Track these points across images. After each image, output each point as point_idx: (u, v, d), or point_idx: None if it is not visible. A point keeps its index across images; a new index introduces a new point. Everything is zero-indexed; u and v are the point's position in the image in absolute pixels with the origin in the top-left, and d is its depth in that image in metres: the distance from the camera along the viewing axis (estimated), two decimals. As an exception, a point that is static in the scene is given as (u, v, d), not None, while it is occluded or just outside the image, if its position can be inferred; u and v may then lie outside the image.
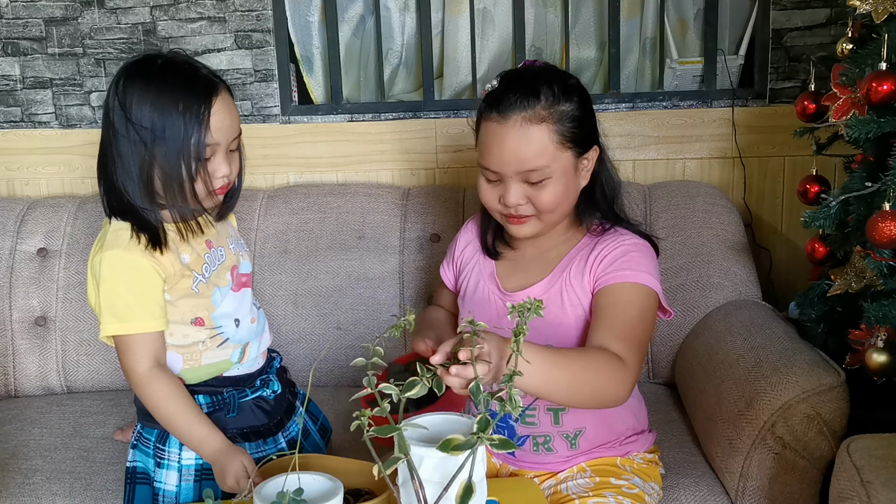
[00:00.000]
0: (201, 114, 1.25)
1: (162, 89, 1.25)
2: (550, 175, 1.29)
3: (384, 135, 2.23)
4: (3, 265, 2.03)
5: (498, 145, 1.30)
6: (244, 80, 2.24)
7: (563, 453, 1.39)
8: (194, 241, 1.35)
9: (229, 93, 1.32)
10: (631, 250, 1.34)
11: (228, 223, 1.47)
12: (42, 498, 1.59)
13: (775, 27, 2.14)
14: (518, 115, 1.28)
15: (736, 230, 1.98)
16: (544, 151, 1.28)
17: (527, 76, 1.32)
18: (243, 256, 1.46)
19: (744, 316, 1.76)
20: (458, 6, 2.29)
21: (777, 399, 1.41)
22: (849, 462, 1.17)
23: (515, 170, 1.29)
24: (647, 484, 1.38)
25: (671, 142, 2.19)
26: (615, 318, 1.28)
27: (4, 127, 2.28)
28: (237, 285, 1.41)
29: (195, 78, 1.28)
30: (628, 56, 2.32)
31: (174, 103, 1.24)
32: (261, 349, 1.45)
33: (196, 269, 1.34)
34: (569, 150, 1.30)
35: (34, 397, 2.00)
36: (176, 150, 1.25)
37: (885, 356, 1.43)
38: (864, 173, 1.51)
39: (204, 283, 1.35)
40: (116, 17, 2.21)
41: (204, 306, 1.35)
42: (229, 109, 1.30)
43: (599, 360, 1.20)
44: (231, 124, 1.30)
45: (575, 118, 1.30)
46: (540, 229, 1.36)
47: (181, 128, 1.24)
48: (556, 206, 1.32)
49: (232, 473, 1.26)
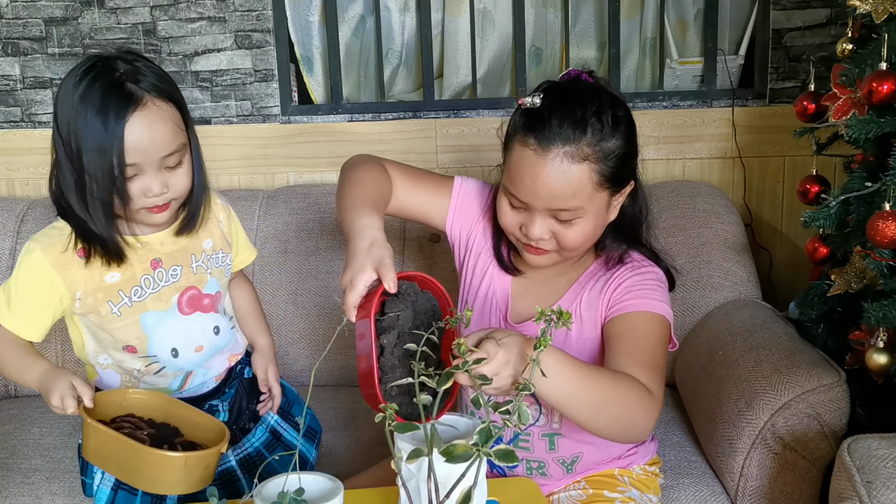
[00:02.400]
0: (113, 130, 1.15)
1: (83, 101, 1.16)
2: (582, 215, 1.20)
3: (384, 135, 2.23)
4: (3, 265, 2.03)
5: (532, 177, 1.17)
6: (244, 80, 2.24)
7: (557, 477, 1.36)
8: (135, 258, 1.28)
9: (173, 103, 1.21)
10: (647, 277, 1.28)
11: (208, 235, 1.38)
12: (42, 497, 1.59)
13: (775, 27, 2.14)
14: (560, 150, 1.15)
15: (736, 230, 1.98)
16: (581, 192, 1.18)
17: (574, 99, 1.19)
18: (213, 274, 1.37)
19: (744, 316, 1.76)
20: (458, 6, 2.29)
21: (777, 399, 1.41)
22: (849, 462, 1.17)
23: (546, 206, 1.19)
24: (644, 496, 1.35)
25: (671, 142, 2.19)
26: (635, 345, 1.21)
27: (4, 127, 2.28)
28: (190, 308, 1.33)
29: (115, 89, 1.16)
30: (628, 56, 2.32)
31: (85, 118, 1.15)
32: (210, 375, 1.39)
33: (124, 289, 1.28)
34: (606, 191, 1.21)
35: (34, 397, 2.00)
36: (89, 168, 1.16)
37: (885, 356, 1.43)
38: (864, 173, 1.50)
39: (128, 307, 1.28)
40: (116, 17, 2.21)
41: (133, 334, 1.29)
42: (152, 126, 1.17)
43: (627, 383, 1.12)
44: (152, 143, 1.18)
45: (620, 157, 1.19)
46: (557, 262, 1.29)
47: (92, 145, 1.15)
48: (581, 245, 1.25)
49: (56, 392, 1.18)
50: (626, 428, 1.14)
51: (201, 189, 1.30)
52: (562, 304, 1.30)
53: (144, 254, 1.29)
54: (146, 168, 1.19)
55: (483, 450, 0.91)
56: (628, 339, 1.22)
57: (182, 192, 1.26)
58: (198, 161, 1.28)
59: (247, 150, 2.25)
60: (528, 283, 1.36)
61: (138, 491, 1.32)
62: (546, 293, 1.34)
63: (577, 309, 1.30)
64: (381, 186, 1.30)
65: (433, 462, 0.96)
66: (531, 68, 2.33)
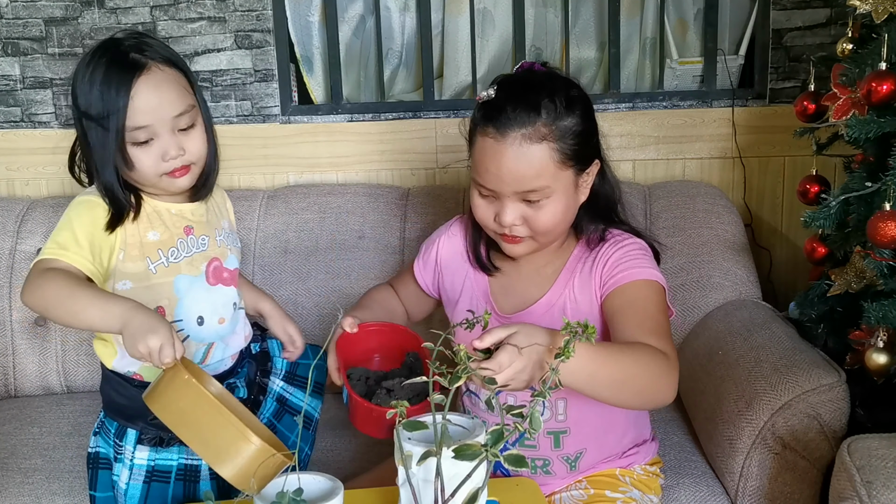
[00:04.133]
0: (122, 95, 1.22)
1: (94, 72, 1.23)
2: (550, 195, 1.23)
3: (384, 135, 2.23)
4: (3, 265, 2.03)
5: (495, 164, 1.22)
6: (244, 80, 2.24)
7: (561, 475, 1.37)
8: (171, 222, 1.33)
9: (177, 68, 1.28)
10: (631, 248, 1.31)
11: (223, 216, 1.44)
12: (42, 497, 1.59)
13: (775, 27, 2.14)
14: (517, 133, 1.20)
15: (736, 230, 1.98)
16: (544, 171, 1.21)
17: (527, 86, 1.24)
18: (232, 251, 1.42)
19: (744, 316, 1.76)
20: (458, 6, 2.29)
21: (777, 399, 1.41)
22: (849, 462, 1.17)
23: (513, 190, 1.23)
24: (645, 496, 1.36)
25: (671, 142, 2.19)
26: (637, 315, 1.24)
27: (4, 127, 2.28)
28: (214, 279, 1.37)
29: (123, 56, 1.24)
30: (628, 56, 2.32)
31: (102, 84, 1.22)
32: (228, 352, 1.40)
33: (163, 249, 1.31)
34: (570, 169, 1.24)
35: (34, 397, 2.00)
36: (103, 135, 1.23)
37: (885, 356, 1.43)
38: (864, 173, 1.50)
39: (164, 267, 1.31)
40: (116, 17, 2.21)
41: (166, 294, 1.31)
42: (159, 87, 1.24)
43: (643, 353, 1.14)
44: (161, 103, 1.24)
45: (577, 134, 1.23)
46: (535, 248, 1.31)
47: (104, 111, 1.22)
48: (554, 226, 1.27)
49: (157, 335, 1.09)
50: (650, 396, 1.17)
51: (214, 154, 1.35)
52: (553, 292, 1.33)
53: (178, 221, 1.34)
54: (159, 131, 1.24)
55: (492, 450, 0.91)
56: (630, 310, 1.25)
57: (199, 155, 1.31)
58: (210, 126, 1.34)
59: (247, 150, 2.25)
60: (510, 280, 1.38)
61: (170, 480, 1.32)
62: (533, 285, 1.36)
63: (572, 294, 1.32)
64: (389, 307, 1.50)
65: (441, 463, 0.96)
66: (531, 68, 2.33)
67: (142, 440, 1.32)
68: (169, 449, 1.33)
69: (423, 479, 1.00)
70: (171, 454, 1.34)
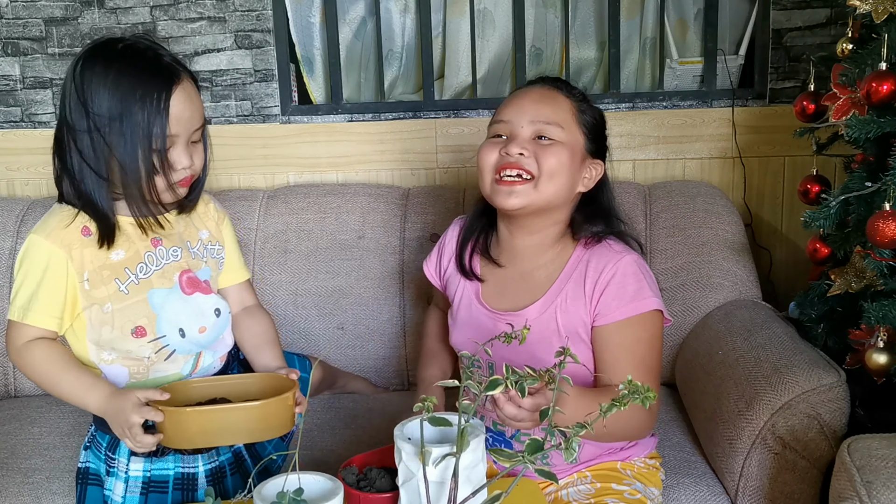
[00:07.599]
0: (161, 103, 1.20)
1: (121, 75, 1.20)
2: (561, 139, 1.29)
3: (384, 135, 2.23)
4: (3, 265, 2.03)
5: (518, 97, 1.33)
6: (244, 80, 2.24)
7: (560, 466, 1.38)
8: (136, 238, 1.31)
9: (193, 81, 1.27)
10: (627, 272, 1.30)
11: (202, 225, 1.41)
12: (42, 497, 1.59)
13: (775, 27, 2.14)
14: (544, 85, 1.34)
15: (736, 230, 1.98)
16: (563, 115, 1.31)
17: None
18: (208, 263, 1.39)
19: (744, 316, 1.76)
20: (459, 7, 2.29)
21: (777, 399, 1.41)
22: (849, 462, 1.17)
23: (531, 118, 1.30)
24: (648, 489, 1.37)
25: (671, 142, 2.19)
26: (632, 359, 1.28)
27: (4, 127, 2.28)
28: (190, 288, 1.35)
29: (157, 64, 1.23)
30: (628, 56, 2.32)
31: (133, 90, 1.19)
32: (217, 356, 1.40)
33: (130, 266, 1.29)
34: (583, 136, 1.32)
35: (34, 397, 2.00)
36: (133, 141, 1.20)
37: (885, 356, 1.43)
38: (864, 173, 1.50)
39: (135, 284, 1.29)
40: (116, 17, 2.21)
41: (143, 313, 1.29)
42: (191, 99, 1.25)
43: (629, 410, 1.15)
44: (192, 115, 1.25)
45: (593, 126, 1.34)
46: (531, 201, 1.29)
47: (139, 116, 1.19)
48: (556, 173, 1.28)
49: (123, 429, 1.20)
50: (631, 435, 1.32)
51: (208, 167, 1.36)
52: (545, 299, 1.34)
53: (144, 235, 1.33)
54: (178, 141, 1.25)
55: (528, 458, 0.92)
56: (621, 353, 1.29)
57: (200, 167, 1.32)
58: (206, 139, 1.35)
59: (247, 150, 2.25)
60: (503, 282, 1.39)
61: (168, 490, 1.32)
62: (526, 290, 1.36)
63: (564, 304, 1.32)
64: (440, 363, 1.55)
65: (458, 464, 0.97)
66: (531, 68, 2.33)
67: (135, 452, 1.30)
68: (164, 459, 1.33)
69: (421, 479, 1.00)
70: (167, 464, 1.33)
